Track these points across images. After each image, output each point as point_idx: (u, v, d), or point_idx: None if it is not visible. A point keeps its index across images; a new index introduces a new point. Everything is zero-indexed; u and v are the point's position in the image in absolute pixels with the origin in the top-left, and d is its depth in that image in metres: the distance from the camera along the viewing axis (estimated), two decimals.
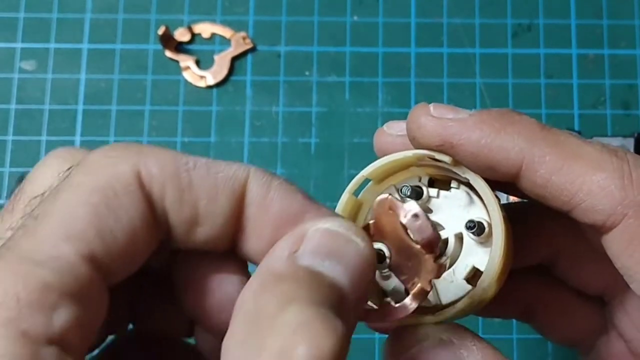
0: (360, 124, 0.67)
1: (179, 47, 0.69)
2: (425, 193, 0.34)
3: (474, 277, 0.33)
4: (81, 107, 0.68)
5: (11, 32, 0.69)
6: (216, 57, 0.69)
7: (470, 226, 0.33)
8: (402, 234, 0.29)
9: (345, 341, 0.24)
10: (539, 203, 0.33)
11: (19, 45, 0.69)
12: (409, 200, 0.29)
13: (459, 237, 0.34)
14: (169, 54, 0.68)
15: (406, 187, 0.34)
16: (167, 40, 0.68)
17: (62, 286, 0.25)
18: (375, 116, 0.67)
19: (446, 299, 0.33)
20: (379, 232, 0.30)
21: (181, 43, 0.69)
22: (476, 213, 0.34)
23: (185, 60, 0.68)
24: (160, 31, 0.67)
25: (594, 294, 0.38)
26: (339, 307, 0.26)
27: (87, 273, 0.26)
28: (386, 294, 0.33)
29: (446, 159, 0.33)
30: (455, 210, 0.34)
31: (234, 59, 0.69)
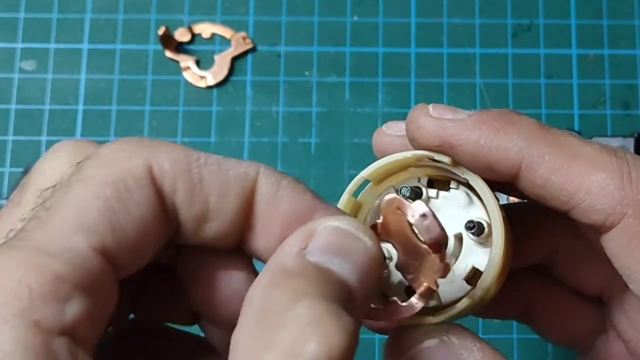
0: (360, 124, 0.67)
1: (179, 47, 0.69)
2: (425, 194, 0.35)
3: (474, 277, 0.33)
4: (81, 107, 0.68)
5: (11, 32, 0.69)
6: (216, 57, 0.68)
7: (470, 226, 0.33)
8: (409, 233, 0.30)
9: (355, 338, 0.25)
10: (538, 203, 0.33)
11: (19, 45, 0.69)
12: (417, 200, 0.29)
13: (458, 238, 0.34)
14: (169, 54, 0.68)
15: (405, 187, 0.34)
16: (167, 41, 0.68)
17: (75, 278, 0.25)
18: (375, 116, 0.67)
19: (446, 299, 0.33)
20: (386, 232, 0.30)
21: (181, 43, 0.69)
22: (475, 213, 0.34)
23: (186, 61, 0.68)
24: (161, 31, 0.67)
25: (592, 294, 0.38)
26: (347, 304, 0.26)
27: (99, 266, 0.26)
28: (385, 293, 0.33)
29: (445, 159, 0.33)
30: (455, 211, 0.34)
31: (234, 59, 0.69)
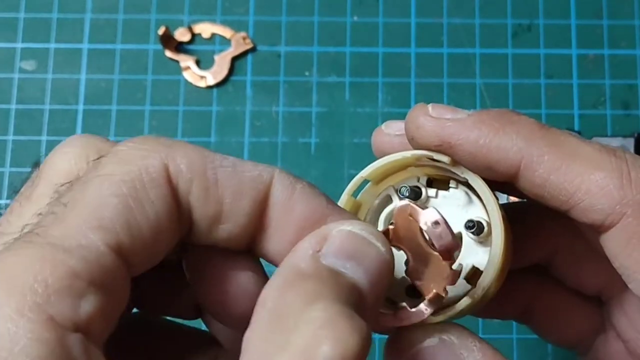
0: (360, 124, 0.67)
1: (179, 47, 0.69)
2: (424, 193, 0.35)
3: (474, 277, 0.33)
4: (81, 107, 0.68)
5: (11, 32, 0.69)
6: (216, 57, 0.68)
7: (470, 226, 0.33)
8: (420, 240, 0.30)
9: (368, 341, 0.25)
10: (537, 203, 0.33)
11: (19, 45, 0.69)
12: (430, 207, 0.30)
13: (458, 237, 0.34)
14: (169, 54, 0.68)
15: (405, 187, 0.34)
16: (167, 40, 0.68)
17: (90, 275, 0.25)
18: (375, 116, 0.67)
19: (446, 299, 0.33)
20: (397, 238, 0.31)
21: (181, 43, 0.69)
22: (475, 213, 0.34)
23: (186, 60, 0.68)
24: (161, 31, 0.67)
25: (591, 294, 0.38)
26: (358, 308, 0.26)
27: (114, 263, 0.26)
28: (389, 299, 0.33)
29: (445, 159, 0.33)
30: (454, 210, 0.34)
31: (234, 59, 0.69)
